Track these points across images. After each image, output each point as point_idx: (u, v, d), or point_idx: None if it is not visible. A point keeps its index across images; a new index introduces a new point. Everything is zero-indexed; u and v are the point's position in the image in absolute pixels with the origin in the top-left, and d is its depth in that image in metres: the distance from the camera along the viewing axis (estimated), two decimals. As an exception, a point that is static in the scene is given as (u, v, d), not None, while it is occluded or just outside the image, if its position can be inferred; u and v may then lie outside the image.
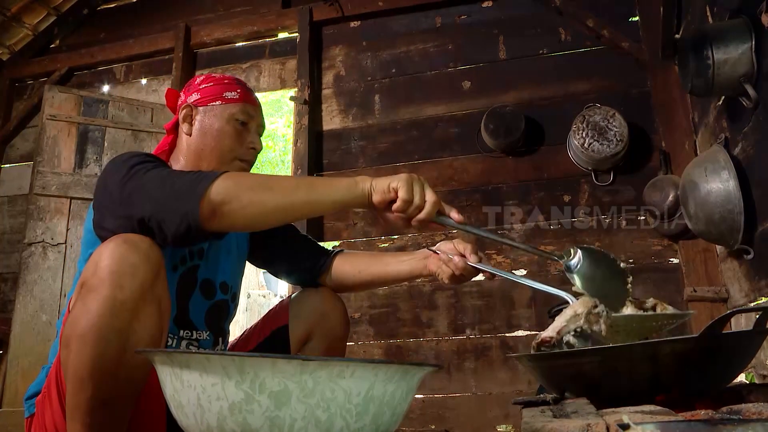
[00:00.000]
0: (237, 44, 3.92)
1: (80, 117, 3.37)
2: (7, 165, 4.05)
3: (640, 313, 1.05)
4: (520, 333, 3.05)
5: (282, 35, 3.84)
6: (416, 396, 3.08)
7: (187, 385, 0.69)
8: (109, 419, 1.01)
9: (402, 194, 1.15)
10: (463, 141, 3.35)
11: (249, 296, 6.69)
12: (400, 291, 3.24)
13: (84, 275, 1.03)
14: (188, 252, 1.36)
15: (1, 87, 4.10)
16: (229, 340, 1.60)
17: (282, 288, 7.10)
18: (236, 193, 1.08)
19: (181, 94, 1.48)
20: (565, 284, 1.33)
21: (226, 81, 1.46)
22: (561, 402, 1.03)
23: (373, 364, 0.65)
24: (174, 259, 1.32)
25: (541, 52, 3.37)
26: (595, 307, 1.07)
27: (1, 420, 3.18)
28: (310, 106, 3.56)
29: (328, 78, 3.69)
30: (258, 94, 1.59)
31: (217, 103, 1.42)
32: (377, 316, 3.24)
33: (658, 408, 0.92)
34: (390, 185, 1.16)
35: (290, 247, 1.60)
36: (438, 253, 1.43)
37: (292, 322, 1.52)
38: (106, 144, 3.39)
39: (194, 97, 1.44)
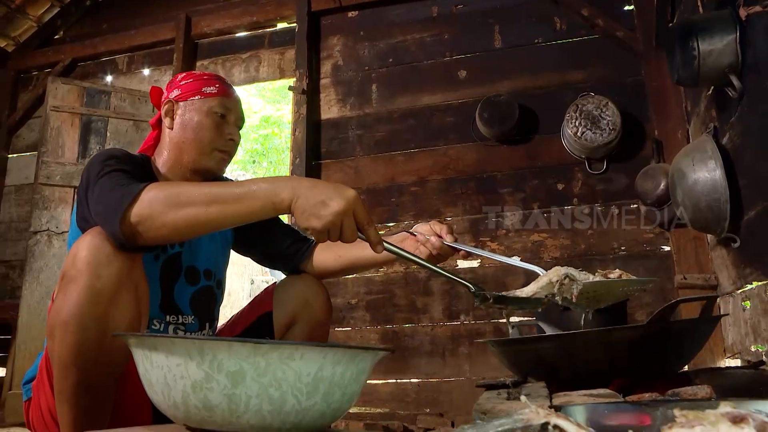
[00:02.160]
0: (237, 34, 3.97)
1: (83, 108, 3.44)
2: (14, 155, 4.14)
3: (610, 279, 1.12)
4: (514, 319, 3.11)
5: (281, 25, 3.88)
6: (411, 380, 3.16)
7: (155, 366, 0.76)
8: (94, 401, 1.09)
9: (317, 227, 1.07)
10: (458, 130, 3.39)
11: (252, 282, 6.77)
12: (396, 277, 3.30)
13: (64, 267, 1.11)
14: None
15: (7, 78, 4.17)
16: (218, 325, 1.67)
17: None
18: (150, 212, 1.09)
19: (164, 91, 1.54)
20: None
21: (205, 77, 1.52)
22: (521, 385, 1.08)
23: (320, 347, 0.71)
24: (155, 248, 1.37)
25: (536, 41, 3.40)
26: (566, 277, 1.12)
27: (11, 402, 3.28)
28: (309, 96, 3.60)
29: (326, 68, 3.74)
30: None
31: (197, 97, 1.48)
32: (374, 302, 3.31)
33: (607, 391, 0.97)
34: (309, 216, 1.07)
35: (272, 236, 1.65)
36: (415, 235, 1.47)
37: (276, 308, 1.57)
38: (108, 134, 3.46)
39: (175, 93, 1.50)
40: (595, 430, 0.59)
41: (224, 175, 1.61)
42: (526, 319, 2.79)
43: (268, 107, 12.29)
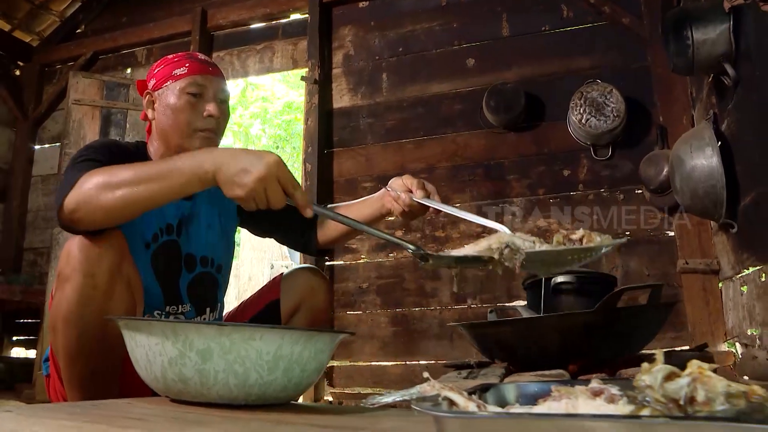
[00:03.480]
0: (251, 26, 4.07)
1: (103, 101, 3.58)
2: (40, 146, 4.32)
3: (557, 248, 1.03)
4: (521, 303, 3.18)
5: (294, 16, 3.97)
6: (420, 362, 3.26)
7: (139, 345, 0.86)
8: (100, 385, 1.21)
9: (240, 195, 1.08)
10: (466, 117, 3.45)
11: (272, 267, 6.96)
12: (406, 262, 3.39)
13: (59, 266, 1.22)
14: (158, 230, 1.48)
15: (32, 72, 4.35)
16: (226, 310, 1.76)
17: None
18: (84, 197, 1.13)
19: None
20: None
21: (176, 59, 1.50)
22: (485, 366, 1.17)
23: (279, 329, 0.81)
24: (145, 237, 1.45)
25: (543, 29, 3.42)
26: (507, 246, 1.04)
27: (40, 381, 3.47)
28: (321, 86, 3.69)
29: (338, 57, 3.82)
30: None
31: (169, 82, 1.47)
32: (384, 287, 3.41)
33: (558, 372, 1.06)
34: (233, 185, 1.08)
35: (279, 218, 1.64)
36: (390, 191, 1.43)
37: (283, 296, 1.65)
38: (128, 126, 3.60)
39: (152, 83, 1.50)
40: (521, 403, 0.67)
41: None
42: (510, 304, 2.86)
43: (291, 93, 12.41)
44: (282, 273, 1.76)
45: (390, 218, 1.58)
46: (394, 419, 0.80)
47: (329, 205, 1.67)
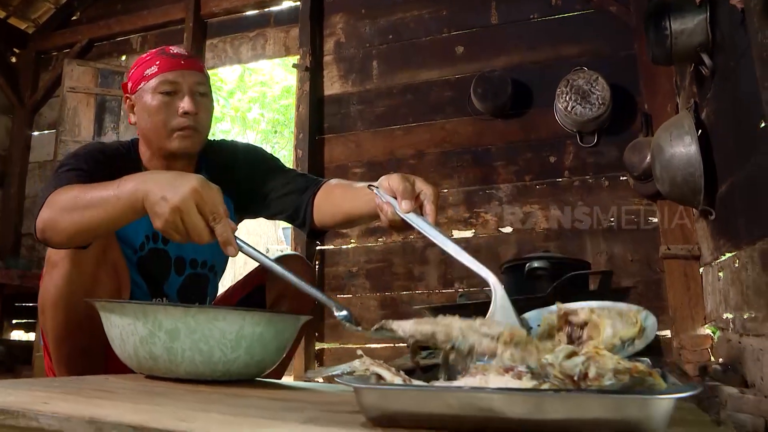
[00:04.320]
0: (245, 13, 4.10)
1: (97, 88, 3.63)
2: (37, 133, 4.38)
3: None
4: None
5: (286, 3, 4.01)
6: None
7: (113, 325, 0.93)
8: (87, 364, 1.29)
9: (159, 227, 0.98)
10: (455, 104, 3.50)
11: (268, 251, 7.08)
12: (395, 247, 3.46)
13: (48, 252, 1.27)
14: (144, 238, 1.50)
15: (28, 59, 4.39)
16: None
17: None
18: (50, 217, 1.12)
19: None
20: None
21: (147, 58, 1.46)
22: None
23: (241, 311, 0.88)
24: (133, 244, 1.48)
25: (532, 16, 3.46)
26: (452, 348, 0.75)
27: (39, 362, 3.56)
28: (312, 73, 3.74)
29: (329, 45, 3.86)
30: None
31: (142, 84, 1.43)
32: (373, 271, 3.48)
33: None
34: (153, 216, 0.99)
35: (277, 204, 1.60)
36: (376, 195, 1.14)
37: (269, 282, 1.67)
38: (122, 113, 3.66)
39: (129, 86, 1.48)
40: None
41: (225, 140, 1.68)
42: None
43: (290, 77, 12.40)
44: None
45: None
46: (341, 395, 0.87)
47: (327, 180, 1.57)
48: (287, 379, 3.18)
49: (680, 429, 0.56)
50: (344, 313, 0.92)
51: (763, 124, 1.73)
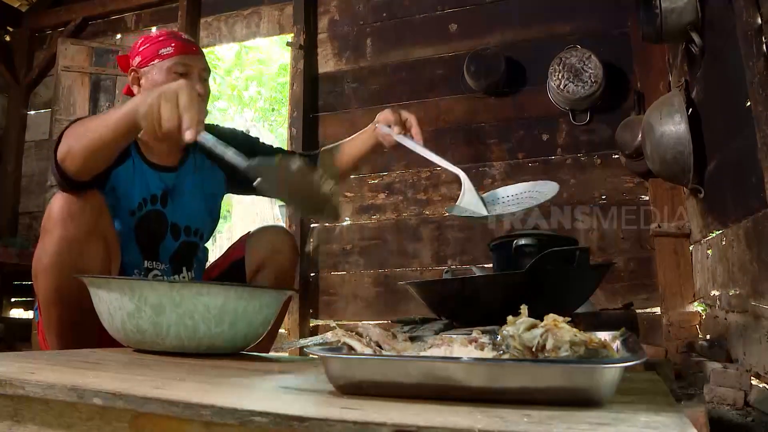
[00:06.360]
0: (239, -10, 4.08)
1: (92, 67, 3.63)
2: (33, 112, 4.38)
3: None
4: (489, 265, 3.29)
5: (280, -19, 3.98)
6: (403, 321, 3.39)
7: (101, 300, 0.96)
8: (77, 334, 1.32)
9: (141, 112, 1.11)
10: (449, 82, 3.50)
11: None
12: (389, 224, 3.49)
13: (42, 221, 1.33)
14: (142, 200, 1.55)
15: (23, 37, 4.37)
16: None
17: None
18: (68, 147, 1.23)
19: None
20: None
21: (161, 38, 1.55)
22: (427, 322, 1.27)
23: (224, 286, 0.91)
24: (131, 206, 1.53)
25: (525, -7, 3.45)
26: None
27: (36, 340, 3.61)
28: (306, 51, 3.74)
29: (323, 23, 3.85)
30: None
31: (156, 61, 1.52)
32: (367, 248, 3.51)
33: (490, 327, 1.15)
34: (144, 101, 1.10)
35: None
36: (378, 127, 1.57)
37: (248, 255, 1.72)
38: (117, 91, 3.66)
39: (137, 60, 1.56)
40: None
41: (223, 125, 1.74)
42: (475, 267, 2.96)
43: (287, 55, 12.30)
44: (249, 231, 1.81)
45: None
46: (318, 366, 0.90)
47: (326, 147, 1.81)
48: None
49: (630, 398, 0.59)
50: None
51: (748, 103, 1.75)
